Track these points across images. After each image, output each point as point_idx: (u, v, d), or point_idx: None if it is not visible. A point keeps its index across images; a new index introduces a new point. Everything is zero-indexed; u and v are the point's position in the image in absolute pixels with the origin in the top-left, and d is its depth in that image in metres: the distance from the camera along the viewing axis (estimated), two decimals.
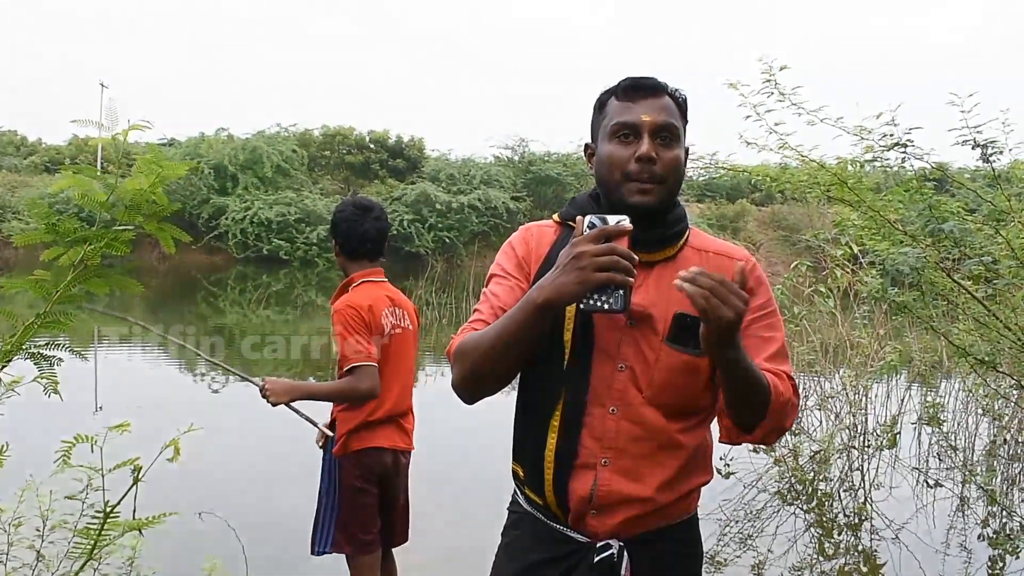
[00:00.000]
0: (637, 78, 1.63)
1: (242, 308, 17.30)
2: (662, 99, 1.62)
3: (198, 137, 32.00)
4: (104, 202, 1.42)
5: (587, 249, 1.39)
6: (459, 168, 32.54)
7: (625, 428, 1.57)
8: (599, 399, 1.57)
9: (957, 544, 4.91)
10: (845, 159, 4.43)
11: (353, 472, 3.12)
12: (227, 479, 5.58)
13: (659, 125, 1.58)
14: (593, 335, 1.57)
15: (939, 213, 4.03)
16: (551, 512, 1.63)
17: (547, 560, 1.64)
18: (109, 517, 1.54)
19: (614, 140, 1.60)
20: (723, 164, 4.78)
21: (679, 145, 1.62)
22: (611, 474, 1.57)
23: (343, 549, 3.17)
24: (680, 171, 1.62)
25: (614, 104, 1.63)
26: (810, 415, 7.46)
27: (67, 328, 1.66)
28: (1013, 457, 6.64)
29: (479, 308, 1.65)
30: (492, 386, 1.59)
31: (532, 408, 1.64)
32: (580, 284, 1.39)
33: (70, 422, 3.79)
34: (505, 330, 1.50)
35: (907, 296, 4.61)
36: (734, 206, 36.20)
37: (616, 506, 1.58)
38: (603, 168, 1.62)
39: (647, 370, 1.57)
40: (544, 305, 1.43)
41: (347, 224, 3.14)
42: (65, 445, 1.71)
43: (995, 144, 3.88)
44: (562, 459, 1.58)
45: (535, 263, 1.66)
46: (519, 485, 1.72)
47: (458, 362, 1.58)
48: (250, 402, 3.53)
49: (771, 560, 4.58)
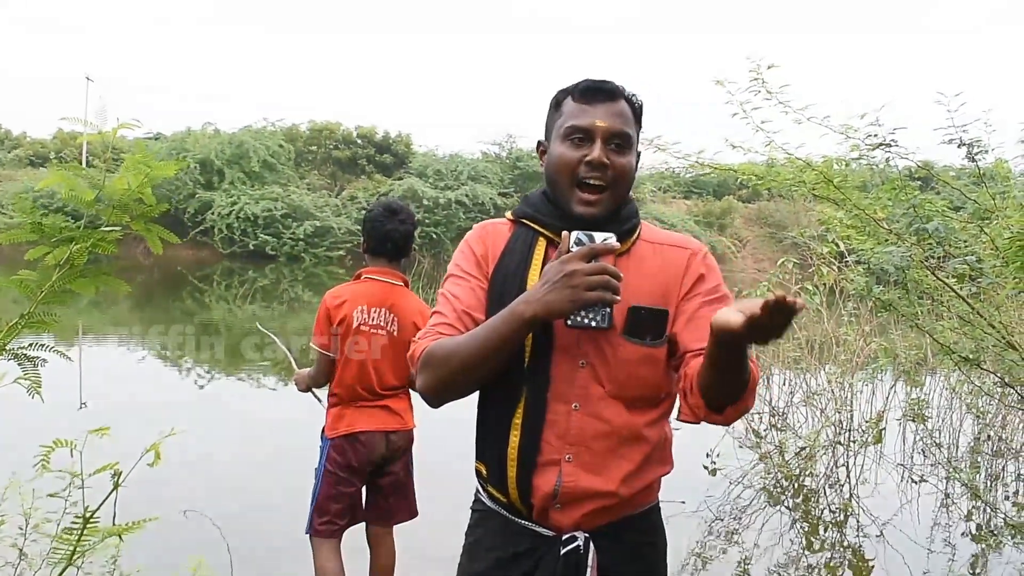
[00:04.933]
0: (596, 81, 1.64)
1: (228, 304, 17.24)
2: (618, 104, 1.62)
3: (184, 131, 31.85)
4: (91, 201, 1.41)
5: (579, 268, 1.41)
6: (446, 164, 32.51)
7: (588, 424, 1.58)
8: (561, 396, 1.58)
9: (941, 540, 4.95)
10: (831, 158, 4.44)
11: (338, 458, 3.33)
12: (211, 476, 5.56)
13: (613, 132, 1.59)
14: (553, 334, 1.57)
15: (923, 212, 4.05)
16: (515, 508, 1.64)
17: (513, 555, 1.64)
18: (89, 523, 1.53)
19: (566, 142, 1.61)
20: (710, 164, 4.78)
21: (631, 152, 1.63)
22: (574, 469, 1.58)
23: (316, 531, 3.36)
24: (630, 178, 1.63)
25: (570, 105, 1.64)
26: (796, 411, 7.49)
27: (52, 328, 1.64)
28: (996, 453, 6.69)
29: (440, 310, 1.65)
30: (464, 393, 1.61)
31: (494, 407, 1.64)
32: (571, 302, 1.42)
33: (54, 418, 3.77)
34: (487, 341, 1.50)
35: (892, 294, 4.63)
36: (721, 203, 36.34)
37: (580, 500, 1.59)
38: (553, 169, 1.63)
39: (607, 365, 1.58)
40: (532, 320, 1.46)
41: (372, 224, 3.38)
42: (44, 449, 1.69)
43: (980, 143, 3.90)
44: (525, 457, 1.58)
45: (492, 261, 1.66)
46: (482, 483, 1.72)
47: (428, 369, 1.57)
48: (233, 399, 3.57)
49: (757, 556, 4.60)
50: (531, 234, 1.67)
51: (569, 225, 1.56)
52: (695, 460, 6.42)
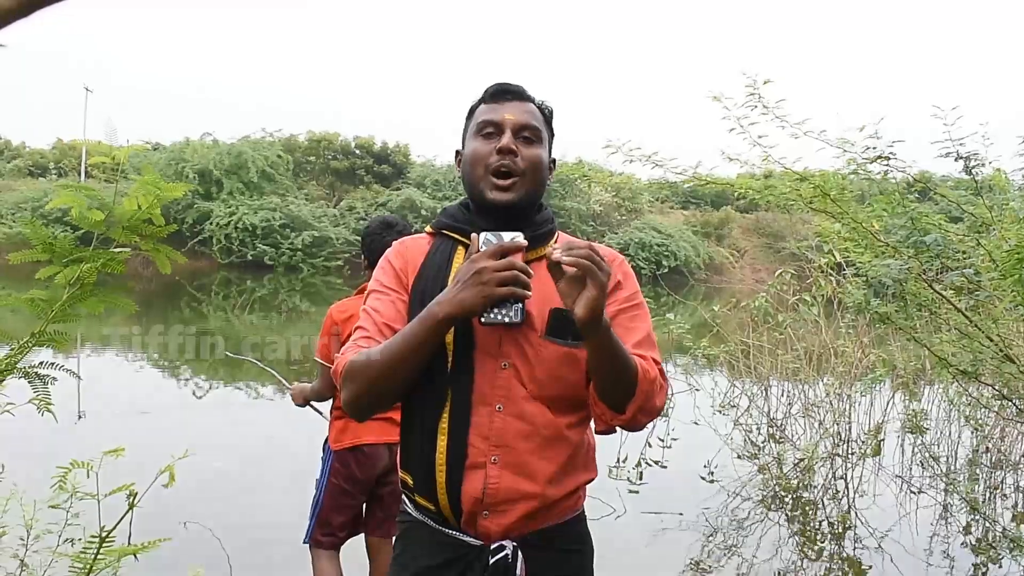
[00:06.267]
0: (505, 83, 1.71)
1: (226, 313, 17.25)
2: (527, 104, 1.70)
3: (183, 142, 31.89)
4: (100, 222, 1.42)
5: (487, 265, 1.46)
6: (444, 174, 32.58)
7: (512, 425, 1.59)
8: (484, 398, 1.59)
9: (940, 552, 4.95)
10: (827, 172, 4.46)
11: (341, 471, 3.34)
12: (211, 486, 5.56)
13: (521, 124, 1.66)
14: (474, 336, 1.59)
15: (921, 225, 4.07)
16: (442, 517, 1.64)
17: (439, 565, 1.64)
18: (104, 543, 1.54)
19: (479, 137, 1.68)
20: (706, 178, 4.80)
21: (541, 147, 1.69)
22: (500, 471, 1.59)
23: (316, 542, 3.38)
24: (541, 171, 1.68)
25: (481, 107, 1.71)
26: (794, 423, 7.50)
27: (62, 346, 1.66)
28: (995, 465, 6.70)
29: (362, 325, 1.67)
30: (387, 402, 1.63)
31: (419, 414, 1.65)
32: (483, 298, 1.45)
33: (53, 430, 3.78)
34: (405, 345, 1.52)
35: (889, 307, 4.65)
36: (719, 213, 36.40)
37: (508, 504, 1.60)
38: (468, 164, 1.69)
39: (529, 366, 1.60)
40: (445, 320, 1.49)
41: (371, 238, 3.46)
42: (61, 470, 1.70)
43: (977, 156, 3.93)
44: (452, 461, 1.59)
45: (411, 273, 1.70)
46: (407, 493, 1.72)
47: (350, 382, 1.58)
48: (233, 409, 3.59)
49: (755, 568, 4.60)
50: (449, 243, 1.72)
51: (485, 224, 1.62)
52: (692, 471, 6.43)
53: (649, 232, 32.38)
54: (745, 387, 7.93)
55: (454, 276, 1.56)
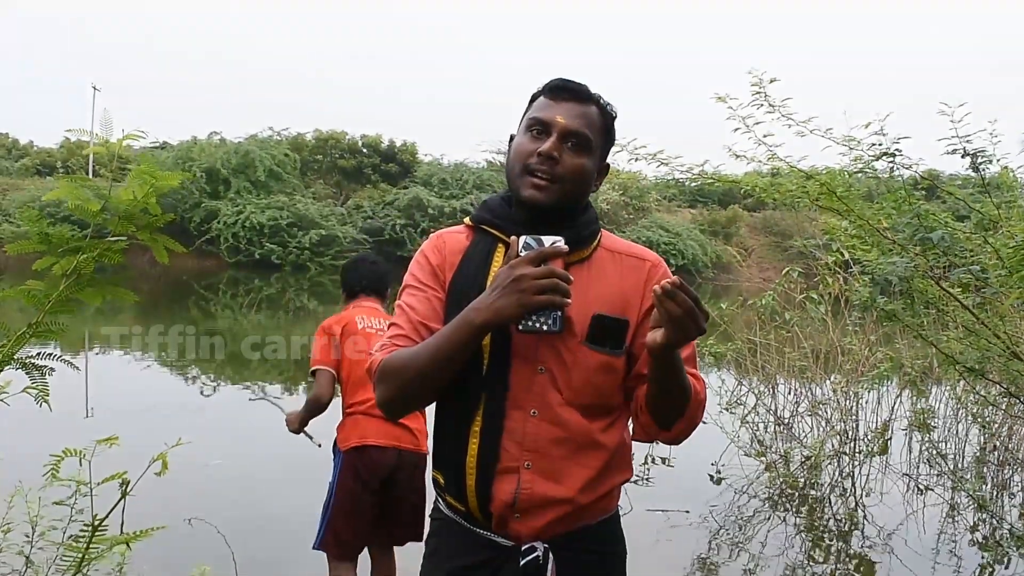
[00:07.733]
0: (567, 80, 1.64)
1: (233, 312, 17.28)
2: (586, 107, 1.63)
3: (190, 141, 31.96)
4: (97, 212, 1.42)
5: (527, 272, 1.42)
6: (451, 173, 32.58)
7: (545, 430, 1.57)
8: (518, 403, 1.57)
9: (947, 550, 4.93)
10: (833, 169, 4.44)
11: (350, 472, 3.32)
12: (216, 484, 5.57)
13: (570, 130, 1.58)
14: (511, 340, 1.57)
15: (927, 223, 4.05)
16: (473, 517, 1.63)
17: (471, 566, 1.63)
18: (97, 531, 1.54)
19: (527, 133, 1.62)
20: (713, 176, 4.79)
21: (588, 155, 1.61)
22: (533, 476, 1.57)
23: (328, 549, 3.37)
24: (582, 180, 1.61)
25: (539, 101, 1.65)
26: (801, 421, 7.47)
27: (59, 337, 1.66)
28: (1003, 464, 6.66)
29: (396, 322, 1.65)
30: (420, 404, 1.63)
31: (452, 415, 1.63)
32: (521, 307, 1.43)
33: (59, 427, 3.79)
34: (439, 350, 1.50)
35: (896, 305, 4.63)
36: (726, 212, 36.29)
37: (539, 508, 1.58)
38: (511, 157, 1.65)
39: (565, 372, 1.58)
40: (483, 326, 1.46)
41: (347, 272, 3.66)
42: (54, 458, 1.70)
43: (984, 153, 3.90)
44: (484, 464, 1.57)
45: (449, 271, 1.65)
46: (440, 492, 1.71)
47: (385, 381, 1.57)
48: (238, 408, 3.60)
49: (762, 566, 4.59)
50: (489, 240, 1.67)
51: (522, 220, 1.60)
52: (700, 469, 6.42)
53: (656, 231, 32.31)
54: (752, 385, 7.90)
55: (492, 279, 1.52)
